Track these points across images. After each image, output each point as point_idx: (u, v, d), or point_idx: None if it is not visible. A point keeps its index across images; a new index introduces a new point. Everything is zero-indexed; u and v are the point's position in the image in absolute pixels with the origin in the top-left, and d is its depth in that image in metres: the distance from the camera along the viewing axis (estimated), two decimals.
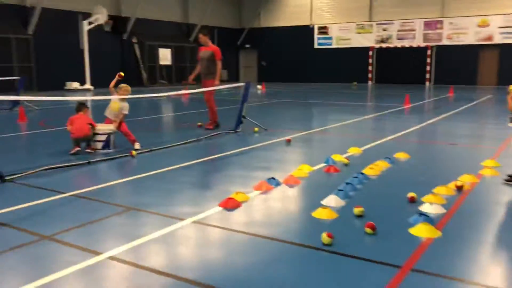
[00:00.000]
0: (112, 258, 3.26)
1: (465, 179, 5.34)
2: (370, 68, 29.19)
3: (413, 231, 3.76)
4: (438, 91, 22.36)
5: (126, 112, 7.43)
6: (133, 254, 3.34)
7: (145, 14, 26.54)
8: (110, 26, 24.35)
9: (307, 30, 31.42)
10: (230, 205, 4.45)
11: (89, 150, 6.96)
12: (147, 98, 16.92)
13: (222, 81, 9.62)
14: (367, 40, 29.41)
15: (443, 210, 4.29)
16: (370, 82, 29.17)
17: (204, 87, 9.52)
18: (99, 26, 23.32)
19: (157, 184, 5.35)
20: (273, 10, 32.67)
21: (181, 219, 4.07)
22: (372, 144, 7.81)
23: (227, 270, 3.12)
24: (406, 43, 28.22)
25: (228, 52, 33.52)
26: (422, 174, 5.77)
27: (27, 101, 13.48)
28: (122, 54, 26.33)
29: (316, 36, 31.28)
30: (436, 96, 19.59)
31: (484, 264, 3.29)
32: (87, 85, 22.95)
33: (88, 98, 15.65)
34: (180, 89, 20.96)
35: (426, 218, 3.96)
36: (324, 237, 3.47)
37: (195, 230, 3.89)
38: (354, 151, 7.14)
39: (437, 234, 3.73)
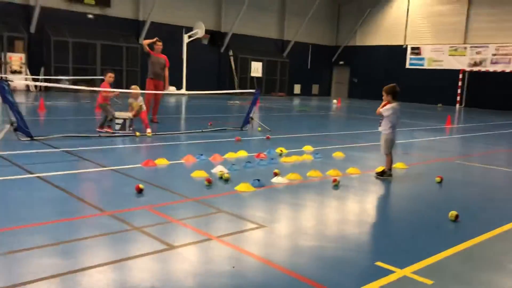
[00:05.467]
0: (40, 177, 5.43)
1: (351, 171, 6.59)
2: (459, 91, 28.48)
3: (237, 187, 5.32)
4: None
5: (142, 103, 9.76)
6: (64, 180, 5.47)
7: (242, 30, 29.43)
8: (207, 40, 27.62)
9: (400, 50, 31.67)
10: (148, 164, 6.38)
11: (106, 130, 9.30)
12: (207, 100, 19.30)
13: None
14: (459, 63, 28.78)
15: (285, 181, 5.74)
16: (458, 105, 28.45)
17: (158, 87, 11.55)
18: (198, 40, 26.69)
19: (128, 152, 7.49)
20: (369, 29, 33.47)
21: (104, 167, 6.13)
22: (330, 147, 9.07)
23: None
24: (499, 68, 27.09)
25: (322, 68, 35.23)
26: (332, 166, 7.00)
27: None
28: (219, 65, 29.52)
29: (408, 56, 31.38)
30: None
31: (259, 206, 4.77)
32: (183, 90, 26.36)
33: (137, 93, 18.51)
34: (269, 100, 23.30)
35: (258, 182, 5.47)
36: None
37: (108, 174, 5.89)
38: (307, 148, 8.53)
39: (251, 189, 5.27)
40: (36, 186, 5.10)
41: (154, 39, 11.78)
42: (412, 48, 31.25)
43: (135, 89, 9.83)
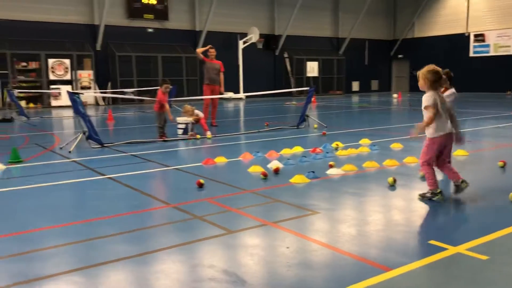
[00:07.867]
0: (111, 178, 5.90)
1: (408, 161, 6.57)
2: None
3: (291, 179, 5.50)
4: None
5: (198, 114, 10.14)
6: (132, 179, 5.92)
7: (295, 31, 29.57)
8: (261, 43, 28.02)
9: (462, 38, 30.43)
10: (208, 163, 6.71)
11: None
12: (271, 104, 19.57)
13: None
14: None
15: (341, 172, 5.84)
16: None
17: (215, 92, 11.91)
18: (253, 44, 27.17)
19: (189, 153, 7.89)
20: (427, 20, 32.46)
21: (168, 167, 6.53)
22: (388, 139, 8.99)
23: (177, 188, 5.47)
24: None
25: (380, 63, 34.55)
26: (390, 156, 7.01)
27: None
28: (275, 68, 29.83)
29: (472, 44, 30.06)
30: None
31: (311, 196, 4.92)
32: (240, 95, 26.91)
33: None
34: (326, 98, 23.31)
35: (312, 174, 5.61)
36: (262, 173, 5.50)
37: (171, 172, 6.28)
38: (364, 141, 8.53)
39: (306, 181, 5.42)
40: (108, 186, 5.56)
41: (207, 47, 12.24)
42: (475, 36, 29.92)
43: (186, 109, 10.11)
